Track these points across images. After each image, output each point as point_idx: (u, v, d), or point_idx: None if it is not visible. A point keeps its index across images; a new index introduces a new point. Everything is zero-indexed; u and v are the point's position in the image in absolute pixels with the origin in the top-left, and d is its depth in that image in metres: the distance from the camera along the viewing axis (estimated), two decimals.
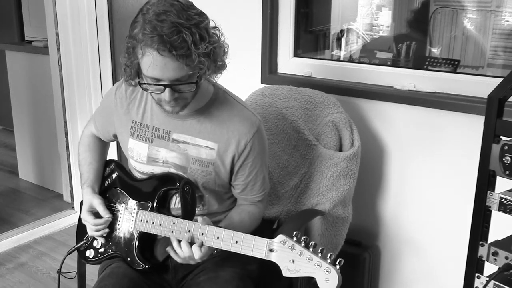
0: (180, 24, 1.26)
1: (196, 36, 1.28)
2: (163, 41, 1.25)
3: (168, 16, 1.26)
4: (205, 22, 1.33)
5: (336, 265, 1.20)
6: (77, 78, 3.09)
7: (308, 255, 1.22)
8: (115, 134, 1.66)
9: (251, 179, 1.55)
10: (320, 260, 1.21)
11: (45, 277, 2.68)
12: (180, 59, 1.27)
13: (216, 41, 1.36)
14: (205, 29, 1.32)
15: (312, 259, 1.21)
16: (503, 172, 1.26)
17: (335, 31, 2.54)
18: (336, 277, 1.19)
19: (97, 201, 1.57)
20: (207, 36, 1.32)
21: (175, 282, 1.59)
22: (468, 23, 2.24)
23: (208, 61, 1.32)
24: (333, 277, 1.19)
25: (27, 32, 4.39)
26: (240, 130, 1.49)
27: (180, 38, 1.25)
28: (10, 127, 4.29)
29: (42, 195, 3.71)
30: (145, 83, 1.35)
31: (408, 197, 2.07)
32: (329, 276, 1.19)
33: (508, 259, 1.27)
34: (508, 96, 1.29)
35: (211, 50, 1.32)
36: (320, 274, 1.20)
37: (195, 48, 1.27)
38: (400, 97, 2.00)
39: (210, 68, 1.35)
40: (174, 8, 1.28)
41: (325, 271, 1.20)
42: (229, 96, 1.55)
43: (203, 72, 1.34)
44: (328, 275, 1.19)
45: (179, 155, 1.52)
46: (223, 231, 1.36)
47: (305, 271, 1.23)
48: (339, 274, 1.19)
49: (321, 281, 1.20)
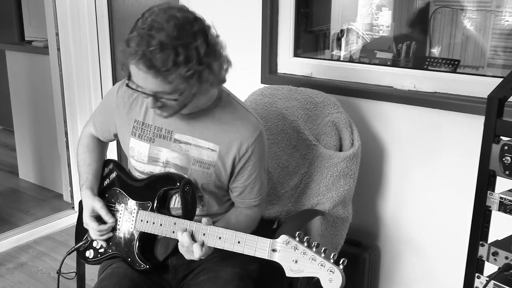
0: (166, 44, 1.23)
1: (181, 57, 1.24)
2: (144, 56, 1.24)
3: (159, 33, 1.24)
4: (197, 42, 1.27)
5: (339, 265, 1.20)
6: (77, 78, 3.09)
7: (311, 255, 1.22)
8: (115, 133, 1.66)
9: (250, 182, 1.55)
10: (323, 260, 1.21)
11: (45, 277, 2.68)
12: (160, 76, 1.26)
13: (208, 61, 1.30)
14: (195, 49, 1.26)
15: (316, 259, 1.21)
16: (503, 172, 1.26)
17: (335, 31, 2.54)
18: (340, 277, 1.19)
19: (98, 204, 1.57)
20: (195, 57, 1.27)
21: (175, 282, 1.59)
22: (468, 23, 2.24)
23: (190, 82, 1.29)
24: (337, 277, 1.19)
25: (27, 32, 4.39)
26: (242, 134, 1.49)
27: (163, 56, 1.23)
28: (10, 127, 4.29)
29: (42, 195, 3.71)
30: (131, 87, 1.36)
31: (408, 197, 2.07)
32: (333, 276, 1.19)
33: (508, 259, 1.27)
34: (508, 96, 1.29)
35: (194, 73, 1.28)
36: (323, 274, 1.20)
37: (176, 68, 1.25)
38: (400, 97, 2.00)
39: (192, 88, 1.31)
40: (168, 25, 1.25)
41: (329, 271, 1.20)
42: (233, 99, 1.55)
43: (184, 91, 1.32)
44: (331, 275, 1.19)
45: (180, 156, 1.52)
46: (225, 231, 1.35)
47: (309, 271, 1.22)
48: (342, 274, 1.19)
49: (325, 281, 1.20)
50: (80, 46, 3.03)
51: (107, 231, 1.57)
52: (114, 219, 1.57)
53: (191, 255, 1.39)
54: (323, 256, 1.21)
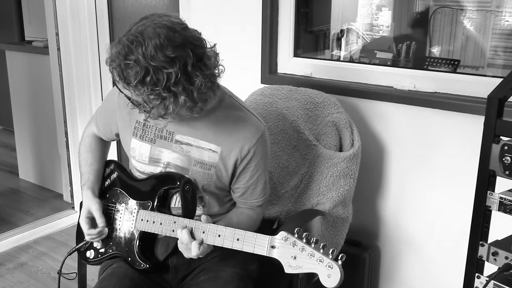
0: (140, 62, 1.24)
1: (148, 78, 1.24)
2: (118, 67, 1.27)
3: (137, 49, 1.24)
4: (171, 69, 1.24)
5: (338, 261, 1.20)
6: (77, 78, 3.09)
7: (310, 251, 1.22)
8: (117, 133, 1.66)
9: (252, 183, 1.55)
10: (322, 256, 1.20)
11: (45, 277, 2.68)
12: (128, 88, 1.30)
13: (176, 91, 1.27)
14: (166, 75, 1.25)
15: (314, 255, 1.21)
16: (503, 172, 1.26)
17: (335, 31, 2.54)
18: (338, 273, 1.18)
19: (94, 206, 1.58)
20: (163, 83, 1.25)
21: (176, 282, 1.59)
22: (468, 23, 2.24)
23: (153, 103, 1.29)
24: (336, 272, 1.19)
25: (27, 32, 4.39)
26: (244, 135, 1.49)
27: (132, 72, 1.25)
28: (10, 127, 4.29)
29: (42, 195, 3.71)
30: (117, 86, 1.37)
31: (408, 197, 2.08)
32: (332, 272, 1.19)
33: (508, 259, 1.27)
34: (508, 96, 1.29)
35: (157, 98, 1.27)
36: (322, 270, 1.20)
37: (142, 86, 1.26)
38: (400, 97, 2.00)
39: (154, 107, 1.31)
40: (150, 43, 1.24)
41: (327, 267, 1.19)
42: (235, 100, 1.55)
43: (149, 108, 1.32)
44: (330, 270, 1.19)
45: (181, 157, 1.52)
46: (225, 229, 1.36)
47: (307, 267, 1.22)
48: (341, 269, 1.19)
49: (324, 277, 1.20)
50: (80, 46, 3.03)
51: (97, 236, 1.58)
52: (105, 224, 1.58)
53: (190, 253, 1.39)
54: (322, 252, 1.21)
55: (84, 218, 1.59)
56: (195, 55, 1.28)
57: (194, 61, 1.28)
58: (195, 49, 1.29)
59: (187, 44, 1.27)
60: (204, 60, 1.31)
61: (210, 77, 1.33)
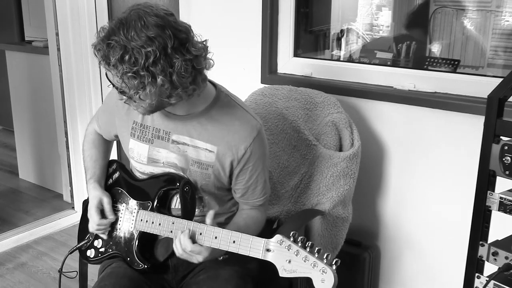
0: (121, 42, 1.26)
1: (126, 56, 1.25)
2: (101, 49, 1.30)
3: (120, 29, 1.27)
4: (149, 48, 1.25)
5: (332, 265, 1.19)
6: (77, 78, 3.09)
7: (304, 255, 1.22)
8: (116, 134, 1.66)
9: (252, 183, 1.54)
10: (316, 260, 1.20)
11: (45, 277, 2.68)
12: (111, 70, 1.31)
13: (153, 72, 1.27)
14: (144, 54, 1.25)
15: (309, 259, 1.21)
16: (503, 172, 1.26)
17: (335, 31, 2.54)
18: (332, 278, 1.18)
19: (106, 199, 1.59)
20: (142, 62, 1.26)
21: (175, 281, 1.59)
22: (468, 23, 2.24)
23: (131, 83, 1.29)
24: (329, 277, 1.18)
25: (27, 32, 4.39)
26: (240, 134, 1.49)
27: (113, 52, 1.27)
28: (10, 127, 4.29)
29: (42, 195, 3.71)
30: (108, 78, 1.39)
31: (408, 197, 2.08)
32: (325, 277, 1.18)
33: (508, 259, 1.27)
34: (508, 96, 1.29)
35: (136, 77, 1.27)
36: (316, 274, 1.20)
37: (121, 65, 1.27)
38: (400, 97, 2.00)
39: (132, 90, 1.31)
40: (132, 24, 1.27)
41: (321, 271, 1.19)
42: (231, 99, 1.55)
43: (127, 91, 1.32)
44: (324, 275, 1.19)
45: (178, 156, 1.52)
46: (221, 231, 1.35)
47: (302, 271, 1.22)
48: (335, 274, 1.18)
49: (317, 282, 1.19)
50: (80, 46, 3.03)
51: (105, 227, 1.58)
52: (114, 217, 1.58)
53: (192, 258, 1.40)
54: (316, 256, 1.21)
55: (96, 208, 1.58)
56: (176, 39, 1.29)
57: (176, 44, 1.28)
58: (177, 33, 1.30)
59: (168, 27, 1.29)
60: (187, 45, 1.31)
61: (193, 63, 1.32)
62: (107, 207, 1.58)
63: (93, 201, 1.60)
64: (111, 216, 1.58)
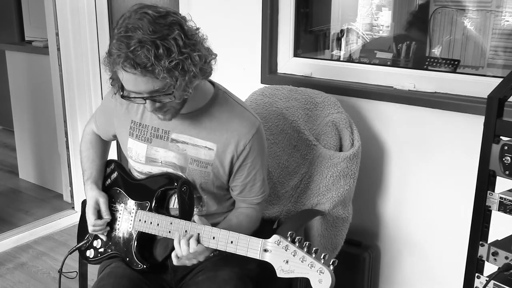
0: (144, 40, 1.25)
1: (160, 50, 1.25)
2: (128, 58, 1.25)
3: (135, 32, 1.26)
4: (174, 33, 1.27)
5: (329, 266, 1.19)
6: (77, 78, 3.09)
7: (301, 256, 1.22)
8: (114, 134, 1.66)
9: (250, 180, 1.55)
10: (313, 261, 1.20)
11: (45, 277, 2.68)
12: (148, 74, 1.27)
13: (188, 52, 1.30)
14: (173, 40, 1.27)
15: (306, 259, 1.21)
16: (503, 172, 1.26)
17: (335, 31, 2.54)
18: (329, 278, 1.18)
19: (102, 199, 1.59)
20: (175, 48, 1.27)
21: (174, 282, 1.59)
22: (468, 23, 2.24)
23: (176, 74, 1.29)
24: (326, 277, 1.18)
25: (27, 32, 4.39)
26: (239, 131, 1.49)
27: (143, 53, 1.24)
28: (10, 127, 4.29)
29: (42, 195, 3.71)
30: (128, 96, 1.36)
31: (408, 197, 2.07)
32: (322, 277, 1.18)
33: (508, 259, 1.27)
34: (508, 96, 1.29)
35: (178, 63, 1.28)
36: (313, 275, 1.20)
37: (158, 62, 1.25)
38: (400, 97, 2.00)
39: (179, 79, 1.30)
40: (142, 23, 1.26)
41: (319, 272, 1.19)
42: (229, 96, 1.55)
43: (175, 84, 1.31)
44: (321, 275, 1.19)
45: (177, 155, 1.52)
46: (219, 231, 1.35)
47: (299, 271, 1.22)
48: (332, 274, 1.18)
49: (315, 282, 1.19)
50: (80, 46, 3.03)
51: (102, 227, 1.58)
52: (110, 217, 1.58)
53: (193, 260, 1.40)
54: (313, 257, 1.21)
55: (92, 208, 1.59)
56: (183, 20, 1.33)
57: (186, 25, 1.33)
58: (178, 16, 1.34)
59: (170, 13, 1.32)
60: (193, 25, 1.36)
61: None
62: (103, 207, 1.59)
63: (90, 201, 1.60)
64: (107, 217, 1.58)
